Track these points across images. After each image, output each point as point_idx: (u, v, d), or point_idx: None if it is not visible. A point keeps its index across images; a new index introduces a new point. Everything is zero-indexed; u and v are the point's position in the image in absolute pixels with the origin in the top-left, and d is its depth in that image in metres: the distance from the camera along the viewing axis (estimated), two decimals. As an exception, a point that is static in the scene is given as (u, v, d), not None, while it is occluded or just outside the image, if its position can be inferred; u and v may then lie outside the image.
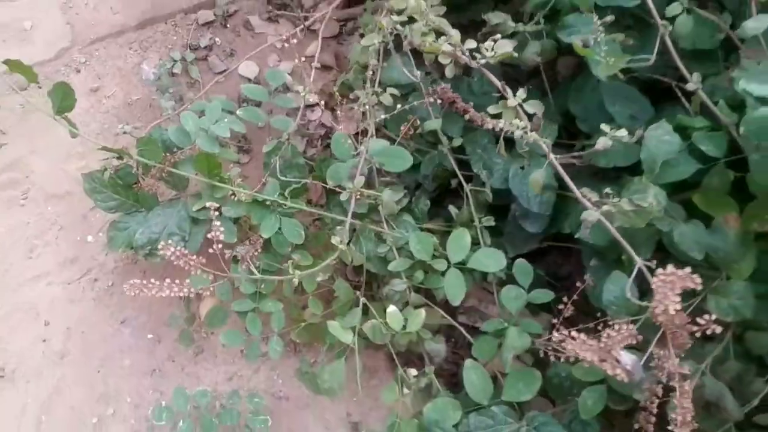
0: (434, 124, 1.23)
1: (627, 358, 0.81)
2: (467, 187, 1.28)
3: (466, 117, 1.01)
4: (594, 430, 1.20)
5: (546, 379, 1.23)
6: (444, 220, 1.43)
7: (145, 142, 1.26)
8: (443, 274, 1.20)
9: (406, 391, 1.22)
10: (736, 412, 0.99)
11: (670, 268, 0.72)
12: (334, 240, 1.09)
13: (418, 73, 1.29)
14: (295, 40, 1.46)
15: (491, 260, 1.19)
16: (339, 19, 1.84)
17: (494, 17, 1.17)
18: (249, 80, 1.77)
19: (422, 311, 1.16)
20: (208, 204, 1.01)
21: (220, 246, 1.01)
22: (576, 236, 1.18)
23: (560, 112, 1.42)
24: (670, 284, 0.70)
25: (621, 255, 1.11)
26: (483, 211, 1.33)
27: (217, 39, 1.84)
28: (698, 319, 0.77)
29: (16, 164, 1.65)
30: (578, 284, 1.21)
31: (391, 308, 1.15)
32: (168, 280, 0.98)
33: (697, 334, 0.77)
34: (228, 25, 1.86)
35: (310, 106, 1.75)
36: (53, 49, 1.78)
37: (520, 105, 1.03)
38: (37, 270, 1.53)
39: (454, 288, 1.17)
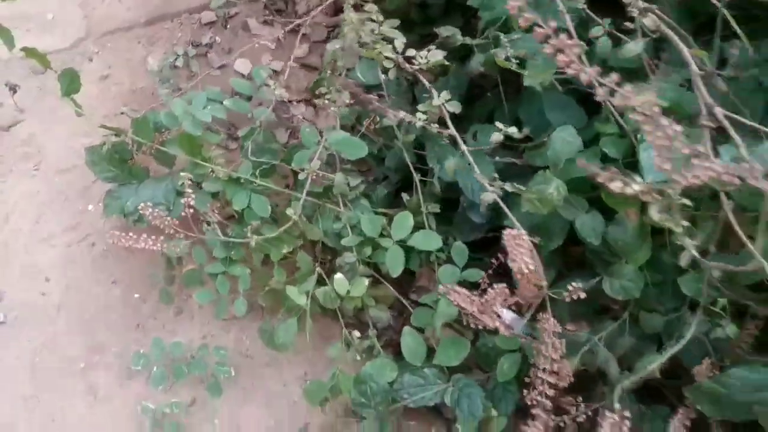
0: (388, 120, 1.41)
1: (507, 315, 0.97)
2: (417, 178, 1.46)
3: (370, 108, 1.18)
4: (513, 395, 1.35)
5: (475, 348, 1.40)
6: (404, 209, 1.61)
7: (138, 122, 1.45)
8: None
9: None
10: (618, 378, 1.15)
11: (510, 230, 0.89)
12: (288, 211, 1.27)
13: (382, 75, 1.48)
14: (273, 45, 1.65)
15: (429, 240, 1.37)
16: (328, 25, 2.03)
17: (445, 31, 1.34)
18: (243, 75, 1.96)
19: (365, 279, 1.34)
20: (182, 174, 1.19)
21: (191, 210, 1.20)
22: (505, 223, 1.36)
23: (513, 117, 1.59)
24: (511, 241, 0.87)
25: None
26: (433, 200, 1.50)
27: (217, 38, 2.03)
28: (569, 287, 0.94)
29: (31, 140, 1.86)
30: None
31: (338, 275, 1.33)
32: (144, 235, 1.17)
33: (566, 299, 0.94)
34: (228, 26, 2.06)
35: (299, 101, 1.94)
36: (70, 39, 2.00)
37: (444, 105, 1.21)
38: (43, 233, 1.73)
39: (394, 261, 1.34)
